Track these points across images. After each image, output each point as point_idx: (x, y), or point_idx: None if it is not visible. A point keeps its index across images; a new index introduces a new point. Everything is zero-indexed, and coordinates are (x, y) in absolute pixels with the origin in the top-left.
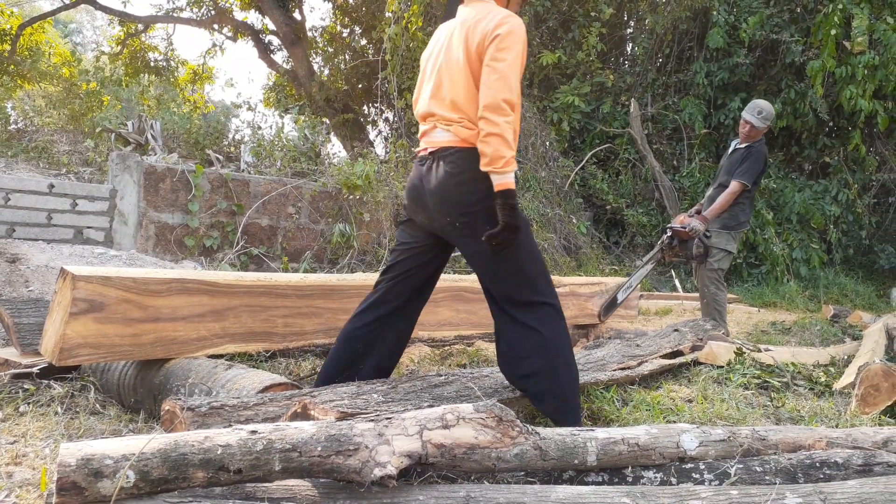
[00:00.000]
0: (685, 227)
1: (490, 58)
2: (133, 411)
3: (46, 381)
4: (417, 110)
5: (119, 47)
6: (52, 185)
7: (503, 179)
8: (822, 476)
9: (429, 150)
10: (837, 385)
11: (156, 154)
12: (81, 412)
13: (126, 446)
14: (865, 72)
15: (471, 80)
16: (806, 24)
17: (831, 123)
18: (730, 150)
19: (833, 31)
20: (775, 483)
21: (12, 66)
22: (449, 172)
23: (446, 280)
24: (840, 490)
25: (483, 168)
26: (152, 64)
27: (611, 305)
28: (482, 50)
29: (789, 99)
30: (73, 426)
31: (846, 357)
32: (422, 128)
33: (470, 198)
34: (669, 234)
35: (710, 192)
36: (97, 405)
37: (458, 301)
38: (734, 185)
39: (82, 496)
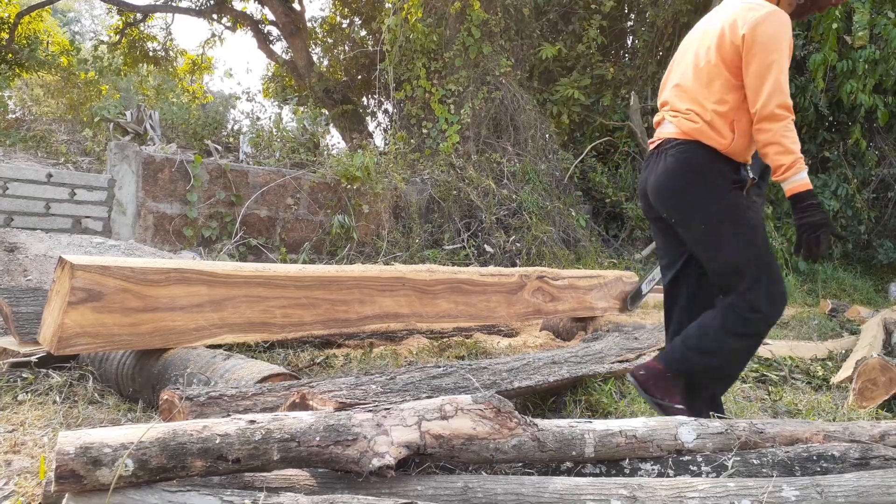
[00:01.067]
0: None
1: (755, 61)
2: (131, 401)
3: (45, 370)
4: (658, 99)
5: (117, 37)
6: (50, 175)
7: (788, 185)
8: (819, 469)
9: (656, 143)
10: (835, 379)
11: (154, 144)
12: (80, 401)
13: (125, 435)
14: (866, 66)
15: (715, 75)
16: (807, 17)
17: (831, 118)
18: None
19: (834, 25)
20: (772, 476)
21: (10, 55)
22: (664, 165)
23: (445, 272)
24: (837, 483)
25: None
26: (151, 54)
27: (636, 296)
28: (740, 49)
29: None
30: (71, 415)
31: (844, 351)
32: (655, 119)
33: (675, 191)
34: None
35: None
36: (95, 394)
37: (456, 293)
38: None
39: (81, 484)
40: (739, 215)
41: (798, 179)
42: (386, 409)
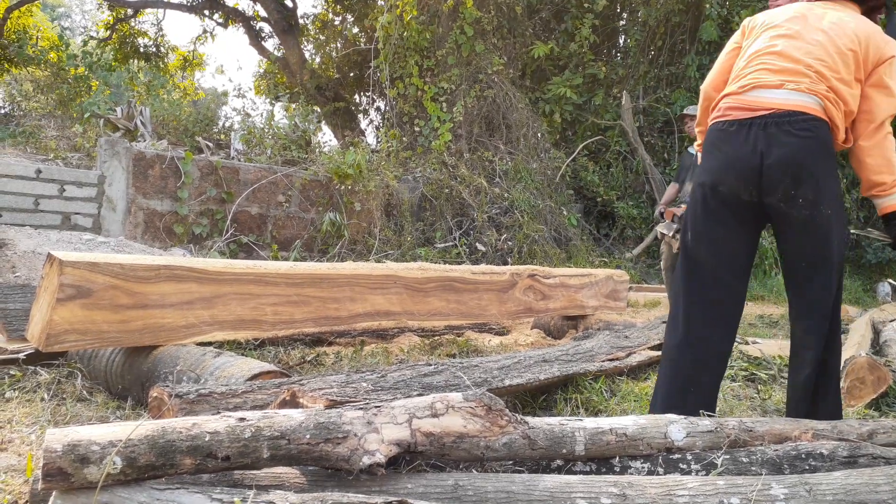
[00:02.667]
0: None
1: (884, 82)
2: (120, 398)
3: (33, 368)
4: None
5: (108, 32)
6: (39, 171)
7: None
8: (807, 467)
9: (767, 113)
10: None
11: (145, 140)
12: (68, 399)
13: (113, 432)
14: None
15: (856, 75)
16: None
17: None
18: (692, 155)
19: None
20: (761, 474)
21: None
22: (801, 141)
23: (437, 270)
24: (825, 481)
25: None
26: (142, 50)
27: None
28: (871, 68)
29: None
30: (59, 412)
31: None
32: (745, 83)
33: (815, 170)
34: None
35: (688, 188)
36: (84, 392)
37: (448, 291)
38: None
39: (68, 482)
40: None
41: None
42: (377, 406)
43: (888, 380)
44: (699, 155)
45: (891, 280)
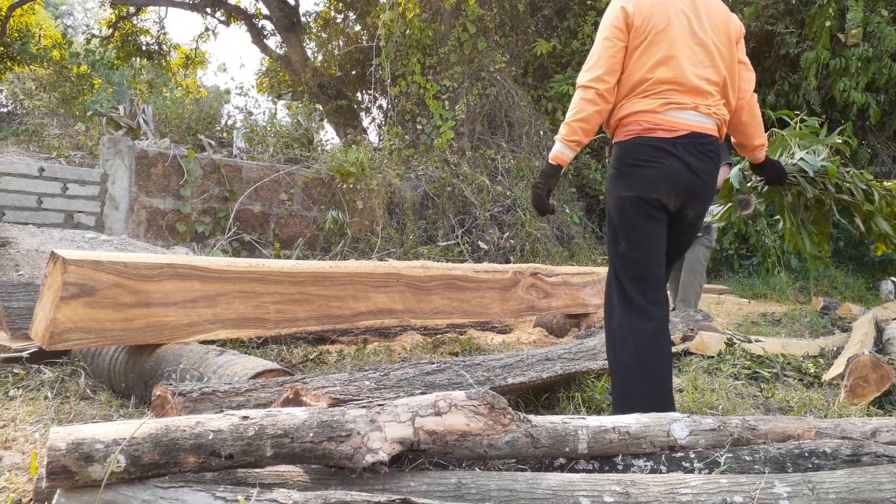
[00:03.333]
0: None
1: (742, 56)
2: (124, 396)
3: (36, 366)
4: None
5: (110, 30)
6: (42, 169)
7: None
8: (810, 466)
9: (694, 134)
10: (826, 376)
11: (147, 139)
12: (72, 397)
13: (117, 431)
14: (859, 64)
15: (732, 79)
16: (801, 15)
17: (824, 116)
18: None
19: (828, 23)
20: (764, 472)
21: (2, 49)
22: (711, 167)
23: (439, 268)
24: (828, 479)
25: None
26: (144, 48)
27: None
28: (735, 44)
29: (783, 91)
30: (63, 411)
31: (835, 349)
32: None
33: (712, 192)
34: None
35: None
36: (87, 390)
37: (450, 289)
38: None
39: (72, 480)
40: None
41: None
42: (380, 405)
43: (891, 378)
44: None
45: (894, 278)
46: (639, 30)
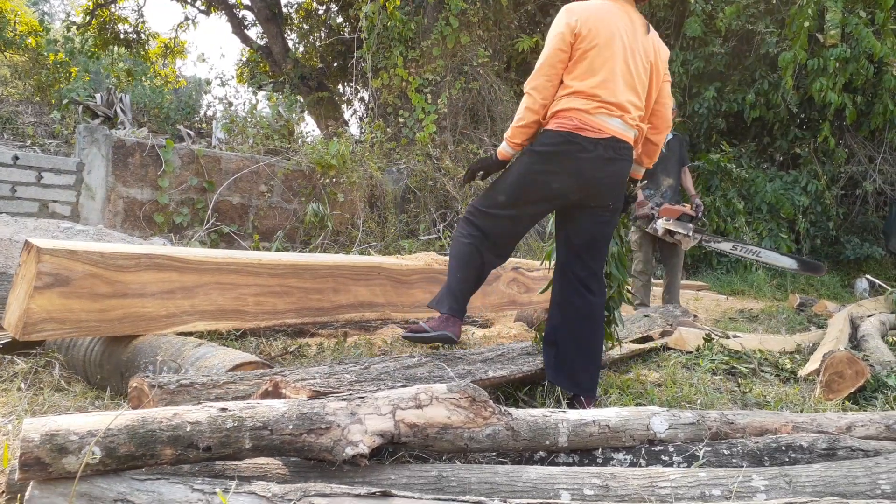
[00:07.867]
0: (697, 205)
1: (665, 77)
2: (99, 388)
3: (9, 357)
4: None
5: (87, 18)
6: (16, 157)
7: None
8: (787, 459)
9: (613, 138)
10: (803, 372)
11: (125, 128)
12: (46, 388)
13: (92, 422)
14: (837, 65)
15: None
16: (781, 15)
17: (802, 115)
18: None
19: (806, 24)
20: (742, 466)
21: None
22: (622, 169)
23: (421, 260)
24: (805, 473)
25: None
26: (122, 36)
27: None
28: (662, 69)
29: (762, 90)
30: (36, 402)
31: (811, 345)
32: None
33: (622, 189)
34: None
35: (669, 182)
36: (62, 381)
37: (432, 283)
38: (688, 172)
39: (46, 472)
40: None
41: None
42: (360, 397)
43: (866, 374)
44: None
45: (868, 276)
46: (584, 39)
